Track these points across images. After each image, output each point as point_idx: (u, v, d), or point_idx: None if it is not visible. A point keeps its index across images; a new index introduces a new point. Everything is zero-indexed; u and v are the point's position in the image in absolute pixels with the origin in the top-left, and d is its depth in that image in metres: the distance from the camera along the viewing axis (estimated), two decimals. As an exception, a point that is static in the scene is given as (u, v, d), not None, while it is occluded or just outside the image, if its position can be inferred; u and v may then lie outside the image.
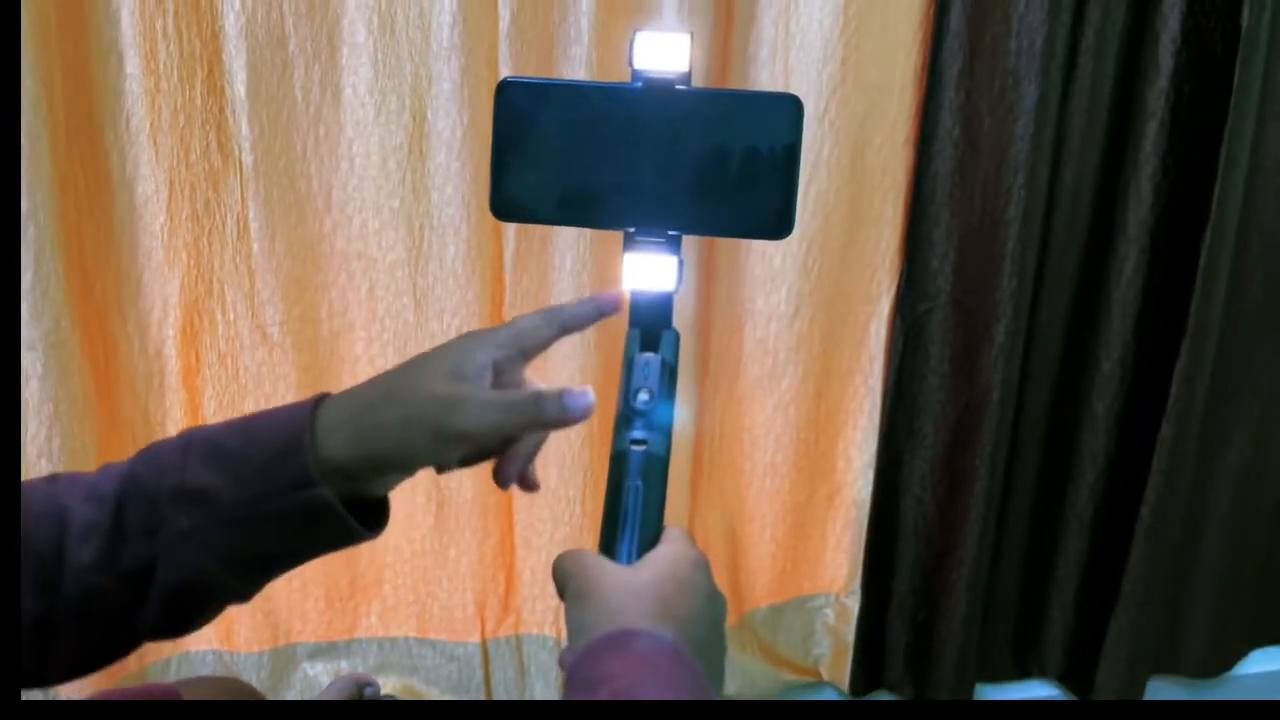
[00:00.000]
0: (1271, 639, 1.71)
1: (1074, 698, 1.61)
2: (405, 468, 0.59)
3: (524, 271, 1.25)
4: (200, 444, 0.58)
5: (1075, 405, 1.48)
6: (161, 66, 1.11)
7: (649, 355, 0.66)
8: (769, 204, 0.66)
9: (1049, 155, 1.32)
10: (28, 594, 0.54)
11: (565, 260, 1.24)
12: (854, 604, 1.52)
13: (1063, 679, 1.62)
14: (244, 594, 0.59)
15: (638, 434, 0.63)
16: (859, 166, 1.31)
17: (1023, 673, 1.64)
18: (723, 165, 0.66)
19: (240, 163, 1.16)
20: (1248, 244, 1.41)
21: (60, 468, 1.13)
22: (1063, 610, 1.58)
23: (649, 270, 0.67)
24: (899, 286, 1.39)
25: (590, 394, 0.60)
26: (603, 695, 0.51)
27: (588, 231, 1.22)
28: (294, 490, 0.56)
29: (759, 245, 1.32)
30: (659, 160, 0.66)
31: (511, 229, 1.23)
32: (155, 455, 0.58)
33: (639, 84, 0.65)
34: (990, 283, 1.35)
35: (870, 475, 1.47)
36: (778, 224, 0.66)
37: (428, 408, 0.58)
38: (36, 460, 1.12)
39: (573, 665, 0.55)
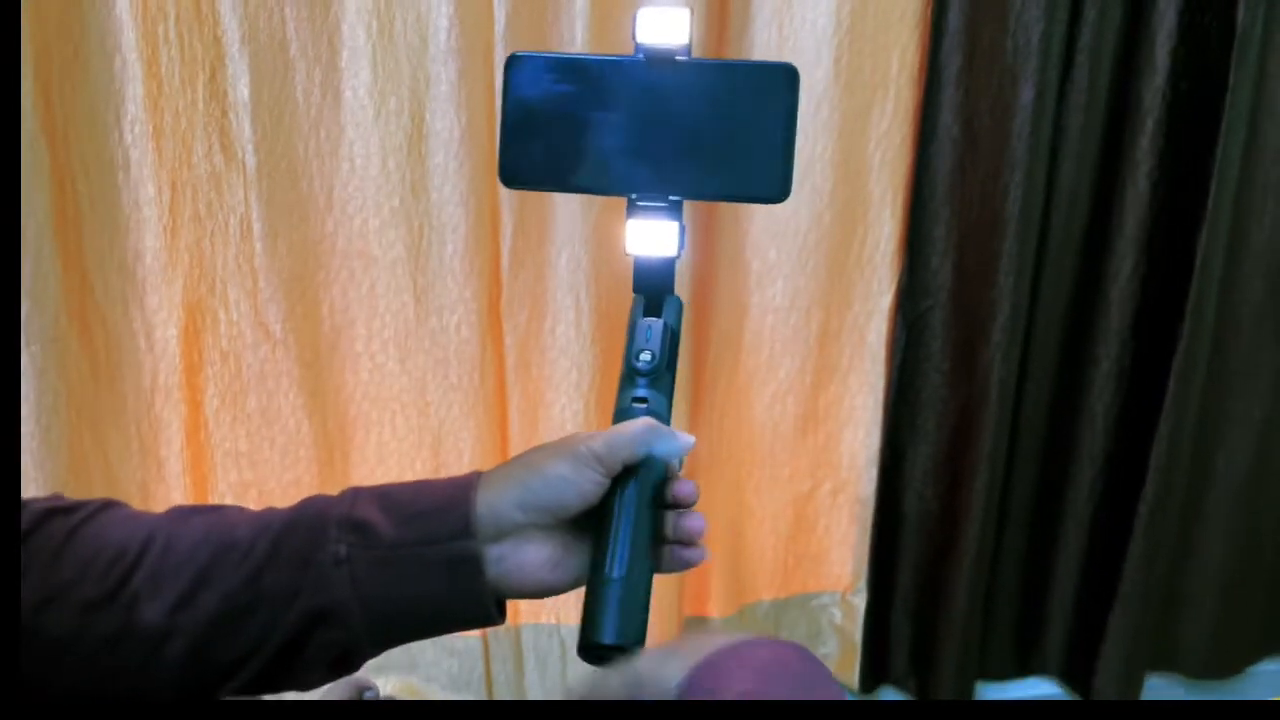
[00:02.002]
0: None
1: (1074, 694, 1.62)
2: (549, 503, 0.62)
3: (520, 268, 1.27)
4: (370, 490, 0.63)
5: (1073, 403, 1.48)
6: (164, 70, 1.13)
7: (652, 320, 0.69)
8: (767, 167, 0.68)
9: (1046, 153, 1.33)
10: (164, 605, 0.57)
11: (561, 257, 1.25)
12: (860, 602, 1.53)
13: (1063, 675, 1.62)
14: (358, 648, 0.60)
15: (640, 392, 0.67)
16: (853, 164, 1.32)
17: (1023, 669, 1.64)
18: (722, 131, 0.68)
19: (243, 164, 1.18)
20: (1242, 241, 1.41)
21: (60, 464, 1.15)
22: (1062, 607, 1.58)
23: (651, 236, 0.69)
24: (900, 284, 1.39)
25: (690, 437, 0.66)
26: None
27: (583, 229, 1.24)
28: (450, 540, 0.60)
29: (754, 239, 1.34)
30: (661, 128, 0.68)
31: (509, 227, 1.25)
32: (324, 497, 0.63)
33: (641, 56, 0.68)
34: (989, 280, 1.36)
35: (874, 472, 1.48)
36: (776, 186, 0.68)
37: (568, 441, 0.63)
38: (36, 455, 1.14)
39: (687, 682, 0.55)
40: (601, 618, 0.61)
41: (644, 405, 0.66)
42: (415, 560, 0.60)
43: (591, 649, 0.61)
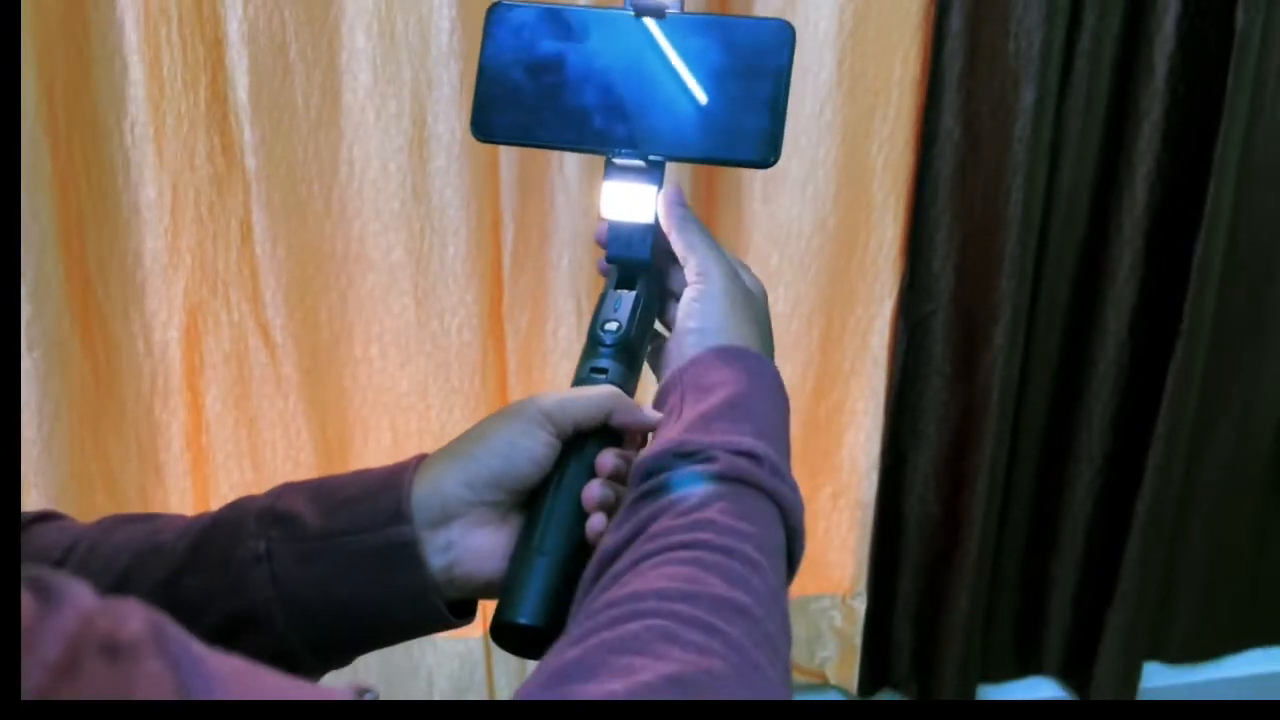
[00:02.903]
0: (1266, 639, 1.71)
1: (1073, 693, 1.62)
2: (499, 474, 0.57)
3: (521, 271, 1.27)
4: (302, 482, 0.58)
5: (1072, 404, 1.48)
6: (166, 72, 1.13)
7: (624, 291, 0.65)
8: (756, 128, 0.64)
9: (1047, 156, 1.33)
10: None
11: (562, 259, 1.25)
12: (860, 605, 1.53)
13: (1062, 674, 1.63)
14: (290, 654, 0.54)
15: (601, 363, 0.62)
16: (856, 168, 1.31)
17: (1023, 669, 1.64)
18: (710, 89, 0.64)
19: (244, 167, 1.18)
20: (1237, 242, 1.42)
21: (62, 470, 1.15)
22: (1061, 606, 1.58)
23: (628, 199, 0.65)
24: (901, 288, 1.39)
25: (657, 414, 0.61)
26: (719, 396, 0.57)
27: (585, 231, 1.24)
28: (382, 526, 0.54)
29: (757, 245, 1.33)
30: (645, 83, 0.65)
31: (510, 229, 1.25)
32: (254, 496, 0.57)
33: (629, 8, 0.65)
34: (990, 283, 1.36)
35: (875, 476, 1.47)
36: (764, 149, 0.64)
37: (516, 403, 0.59)
38: (38, 463, 1.14)
39: (678, 375, 0.59)
40: (520, 595, 0.54)
41: (603, 376, 0.61)
42: (342, 551, 0.54)
43: (505, 629, 0.54)
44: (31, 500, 1.13)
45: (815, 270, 1.35)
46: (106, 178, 1.13)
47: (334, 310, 1.25)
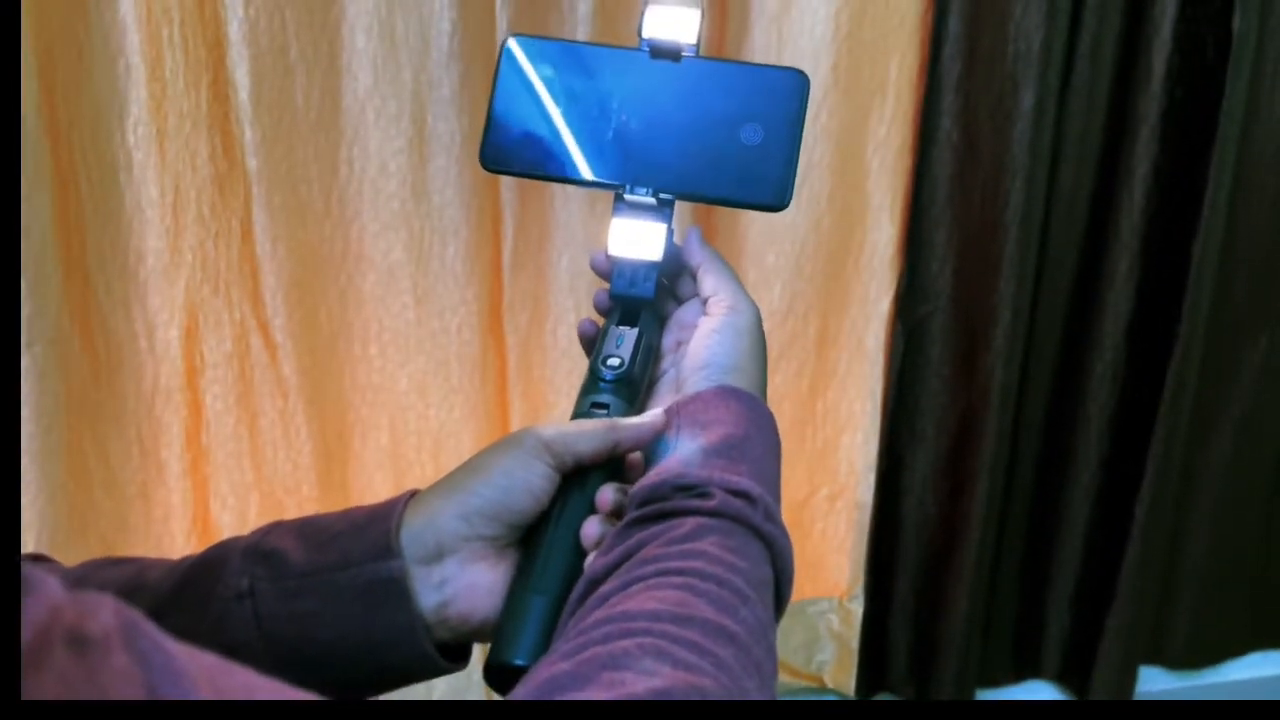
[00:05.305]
0: (1268, 642, 1.71)
1: (1072, 696, 1.62)
2: (496, 507, 0.55)
3: (521, 270, 1.27)
4: (289, 521, 0.56)
5: (1070, 407, 1.48)
6: (167, 73, 1.13)
7: (626, 328, 0.64)
8: (768, 174, 0.65)
9: (1046, 159, 1.33)
10: None
11: (562, 259, 1.26)
12: (857, 608, 1.53)
13: (1061, 678, 1.63)
14: None
15: (602, 398, 0.62)
16: (851, 169, 1.32)
17: (1021, 673, 1.64)
18: (722, 133, 0.65)
19: (245, 167, 1.18)
20: (1234, 246, 1.42)
21: (59, 466, 1.15)
22: (1059, 609, 1.58)
23: (636, 236, 0.66)
24: (899, 289, 1.40)
25: (661, 415, 0.60)
26: (718, 434, 0.57)
27: (584, 231, 1.24)
28: (370, 561, 0.52)
29: (752, 244, 1.34)
30: (658, 124, 0.66)
31: (510, 229, 1.25)
32: (239, 535, 0.56)
33: (645, 49, 0.66)
34: (989, 286, 1.36)
35: (872, 478, 1.48)
36: (775, 194, 0.65)
37: (514, 435, 0.58)
38: (37, 458, 1.14)
39: (679, 407, 0.59)
40: (517, 635, 0.53)
41: (604, 411, 0.61)
42: (327, 588, 0.52)
43: (501, 671, 0.52)
44: (29, 497, 1.14)
45: (810, 270, 1.35)
46: (108, 177, 1.14)
47: (334, 310, 1.26)
